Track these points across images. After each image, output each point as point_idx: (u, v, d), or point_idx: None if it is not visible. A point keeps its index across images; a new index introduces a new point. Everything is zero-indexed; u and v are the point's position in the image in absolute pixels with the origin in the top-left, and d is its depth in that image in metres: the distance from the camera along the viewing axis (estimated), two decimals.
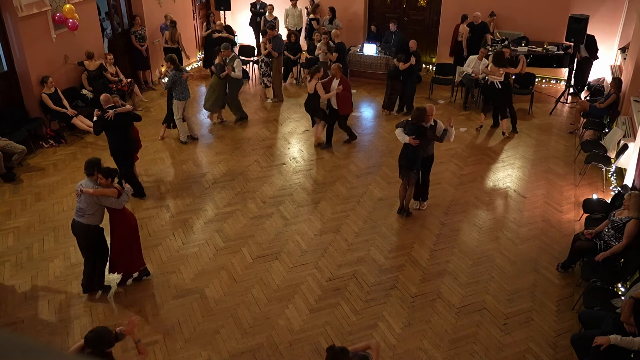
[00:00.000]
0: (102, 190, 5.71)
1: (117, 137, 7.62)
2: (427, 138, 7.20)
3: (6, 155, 8.54)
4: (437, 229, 7.42)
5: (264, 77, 11.60)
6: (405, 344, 5.52)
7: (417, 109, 7.24)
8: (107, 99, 7.55)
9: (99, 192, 5.70)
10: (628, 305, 4.83)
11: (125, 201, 5.88)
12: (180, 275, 6.52)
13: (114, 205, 5.81)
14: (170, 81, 9.21)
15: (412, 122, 7.18)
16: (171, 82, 9.20)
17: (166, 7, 12.59)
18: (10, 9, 8.93)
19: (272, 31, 11.32)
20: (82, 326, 5.73)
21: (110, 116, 7.33)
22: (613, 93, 9.60)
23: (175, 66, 9.13)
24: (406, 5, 13.80)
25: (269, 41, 11.24)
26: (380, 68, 12.44)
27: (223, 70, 9.87)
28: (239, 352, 5.45)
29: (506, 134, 10.13)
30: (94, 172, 5.76)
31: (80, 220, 5.83)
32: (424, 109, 7.16)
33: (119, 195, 5.79)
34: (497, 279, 6.45)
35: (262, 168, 9.01)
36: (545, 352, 5.43)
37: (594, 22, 11.39)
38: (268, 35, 11.27)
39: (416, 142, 7.12)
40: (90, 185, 5.74)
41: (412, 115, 7.27)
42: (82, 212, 5.80)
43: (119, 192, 5.79)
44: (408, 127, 7.21)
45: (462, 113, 11.14)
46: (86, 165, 5.82)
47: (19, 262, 6.74)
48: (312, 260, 6.79)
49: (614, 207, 6.80)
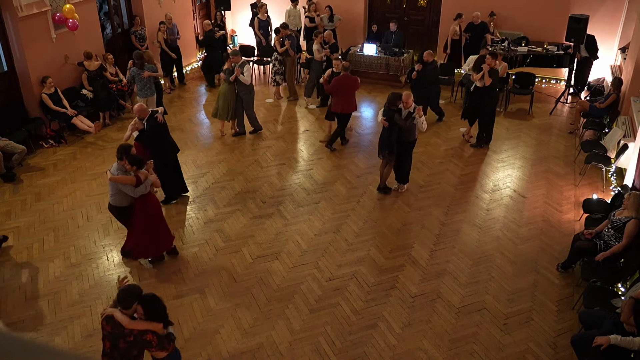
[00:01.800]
0: (117, 178, 6.04)
1: (169, 140, 7.61)
2: (396, 122, 7.65)
3: (6, 155, 8.54)
4: (437, 229, 7.42)
5: (276, 75, 11.56)
6: (405, 344, 5.52)
7: (393, 92, 7.77)
8: (143, 109, 7.30)
9: (114, 179, 6.05)
10: (628, 305, 4.83)
11: (141, 192, 6.07)
12: (180, 275, 6.52)
13: (130, 193, 6.08)
14: (130, 76, 9.52)
15: (386, 105, 7.75)
16: (130, 77, 9.53)
17: (166, 7, 12.58)
18: (10, 9, 8.93)
19: (285, 30, 11.29)
20: (82, 326, 5.74)
21: (161, 119, 7.31)
22: (613, 93, 9.60)
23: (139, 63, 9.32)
24: (406, 5, 13.81)
25: (284, 39, 11.17)
26: (380, 68, 12.43)
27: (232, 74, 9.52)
28: (239, 352, 5.45)
29: (466, 138, 9.86)
30: (122, 157, 6.08)
31: (109, 200, 6.41)
32: (399, 94, 7.67)
33: (138, 184, 5.99)
34: (497, 279, 6.46)
35: (262, 168, 9.01)
36: (545, 352, 5.43)
37: (594, 22, 11.39)
38: (281, 33, 11.22)
39: (386, 124, 7.66)
40: (118, 169, 6.11)
41: (388, 98, 7.77)
42: (110, 192, 6.33)
43: (137, 182, 5.98)
44: (384, 109, 7.79)
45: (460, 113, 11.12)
46: (118, 150, 6.16)
47: (19, 262, 6.74)
48: (312, 260, 6.79)
49: (614, 207, 6.80)
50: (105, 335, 4.22)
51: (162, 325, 4.16)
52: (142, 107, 7.35)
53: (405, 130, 7.71)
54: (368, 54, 12.42)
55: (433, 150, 9.61)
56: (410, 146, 8.00)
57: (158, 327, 4.13)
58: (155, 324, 4.13)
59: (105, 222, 7.48)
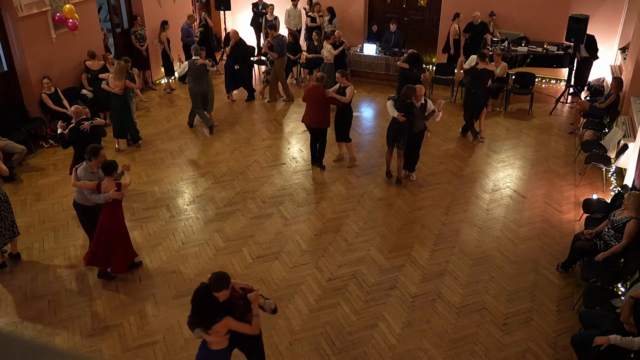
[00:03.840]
0: (79, 184, 6.02)
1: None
2: (414, 115, 7.87)
3: (6, 155, 8.53)
4: (437, 229, 7.42)
5: (267, 74, 11.59)
6: (405, 344, 5.52)
7: (407, 86, 7.84)
8: (79, 111, 7.35)
9: (76, 184, 6.06)
10: (628, 305, 4.83)
11: (96, 201, 5.99)
12: (180, 275, 6.52)
13: (87, 196, 6.05)
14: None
15: (401, 99, 7.82)
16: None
17: (166, 7, 12.58)
18: (10, 9, 8.93)
19: (272, 31, 11.32)
20: (82, 326, 5.74)
21: (86, 128, 7.17)
22: (613, 93, 9.60)
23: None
24: (406, 5, 13.81)
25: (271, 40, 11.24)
26: (380, 68, 12.43)
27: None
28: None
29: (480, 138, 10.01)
30: (91, 158, 6.06)
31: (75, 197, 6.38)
32: (413, 88, 7.82)
33: (96, 192, 5.94)
34: (497, 279, 6.45)
35: (262, 168, 9.01)
36: (545, 352, 5.43)
37: (594, 22, 11.39)
38: (270, 35, 11.27)
39: (403, 119, 7.80)
40: (84, 170, 6.09)
41: (401, 92, 7.86)
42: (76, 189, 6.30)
43: (98, 189, 5.91)
44: (398, 103, 7.83)
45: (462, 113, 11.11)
46: (86, 150, 6.11)
47: (19, 262, 6.73)
48: (312, 260, 6.79)
49: (614, 207, 6.80)
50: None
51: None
52: (78, 108, 7.39)
53: (422, 120, 8.03)
54: (368, 54, 12.42)
55: (433, 150, 9.60)
56: (421, 134, 8.29)
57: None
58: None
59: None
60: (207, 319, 4.11)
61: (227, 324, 4.14)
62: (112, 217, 6.04)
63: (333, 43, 11.05)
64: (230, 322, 4.14)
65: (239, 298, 4.22)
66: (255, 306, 4.22)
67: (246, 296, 4.22)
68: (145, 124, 10.59)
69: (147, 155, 9.35)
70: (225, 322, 4.13)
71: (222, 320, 4.10)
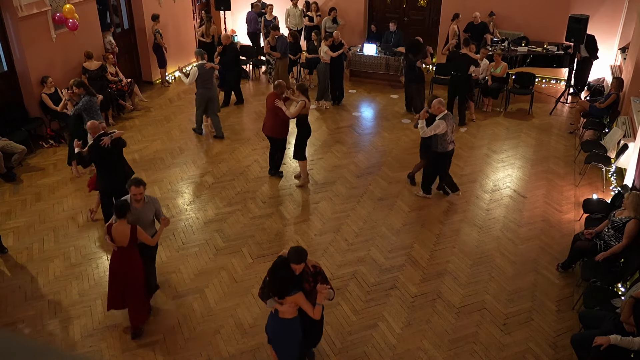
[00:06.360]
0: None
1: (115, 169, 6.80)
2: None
3: (6, 155, 8.54)
4: (437, 229, 7.42)
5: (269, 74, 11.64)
6: (405, 344, 5.52)
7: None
8: (96, 126, 6.72)
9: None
10: (628, 305, 4.83)
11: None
12: (180, 275, 6.52)
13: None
14: (81, 108, 7.77)
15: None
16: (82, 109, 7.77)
17: (166, 7, 12.58)
18: (10, 9, 8.94)
19: (274, 32, 11.32)
20: (82, 326, 5.74)
21: (107, 143, 6.53)
22: (613, 93, 9.60)
23: (87, 90, 7.91)
24: (406, 5, 13.81)
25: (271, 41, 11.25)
26: (380, 68, 12.43)
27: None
28: (239, 352, 5.45)
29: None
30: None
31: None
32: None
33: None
34: (497, 279, 6.46)
35: (262, 168, 9.01)
36: (545, 352, 5.43)
37: (594, 22, 11.39)
38: (271, 35, 11.27)
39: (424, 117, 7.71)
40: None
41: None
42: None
43: (107, 231, 5.36)
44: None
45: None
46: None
47: (19, 262, 6.74)
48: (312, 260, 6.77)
49: (614, 207, 6.80)
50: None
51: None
52: (94, 124, 6.75)
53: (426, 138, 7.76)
54: (368, 54, 12.42)
55: None
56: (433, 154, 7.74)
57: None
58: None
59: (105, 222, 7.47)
60: (283, 289, 4.49)
61: (297, 299, 4.50)
62: (113, 257, 5.47)
63: (331, 44, 11.04)
64: (300, 298, 4.50)
65: (309, 274, 4.61)
66: (322, 299, 4.52)
67: (316, 275, 4.62)
68: (145, 124, 10.59)
69: (147, 155, 9.35)
70: (297, 297, 4.50)
71: (295, 294, 4.48)
